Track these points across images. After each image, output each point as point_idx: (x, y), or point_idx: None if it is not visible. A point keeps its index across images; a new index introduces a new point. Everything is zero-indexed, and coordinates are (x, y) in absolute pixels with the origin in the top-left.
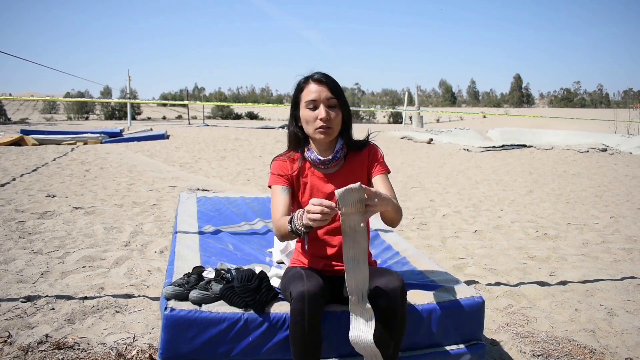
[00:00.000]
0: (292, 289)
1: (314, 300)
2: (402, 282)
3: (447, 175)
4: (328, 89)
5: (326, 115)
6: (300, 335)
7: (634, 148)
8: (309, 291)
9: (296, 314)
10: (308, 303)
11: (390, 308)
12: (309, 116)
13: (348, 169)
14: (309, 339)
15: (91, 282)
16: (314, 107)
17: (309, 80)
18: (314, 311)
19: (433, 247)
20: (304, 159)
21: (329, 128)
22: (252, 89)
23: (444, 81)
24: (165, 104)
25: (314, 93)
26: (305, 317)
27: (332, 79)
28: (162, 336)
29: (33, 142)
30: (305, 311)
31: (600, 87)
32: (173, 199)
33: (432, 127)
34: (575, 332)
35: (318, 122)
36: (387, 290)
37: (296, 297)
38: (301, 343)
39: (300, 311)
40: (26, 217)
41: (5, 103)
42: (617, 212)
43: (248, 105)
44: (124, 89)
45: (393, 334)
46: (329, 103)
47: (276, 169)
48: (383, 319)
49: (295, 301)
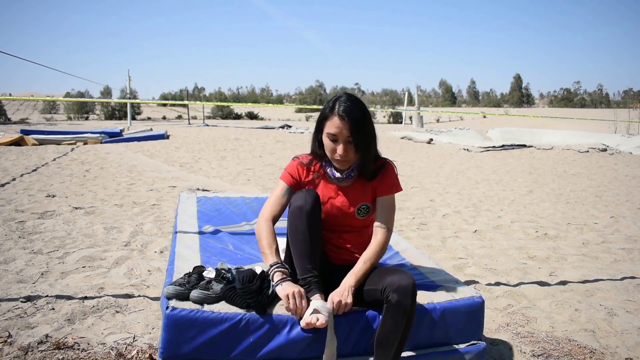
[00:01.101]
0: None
1: (314, 197)
2: (414, 281)
3: (447, 175)
4: (349, 128)
5: (344, 153)
6: (301, 229)
7: (634, 148)
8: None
9: (297, 209)
10: (309, 198)
11: (401, 304)
12: (329, 146)
13: (359, 186)
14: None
15: (91, 282)
16: (334, 140)
17: (335, 111)
18: (313, 203)
19: (433, 247)
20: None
21: (346, 161)
22: (252, 89)
23: (444, 81)
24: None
25: (335, 128)
26: (305, 210)
27: (356, 116)
28: (163, 335)
29: (33, 142)
30: (306, 205)
31: (600, 87)
32: (173, 199)
33: (432, 127)
34: (575, 332)
35: (336, 155)
36: (400, 287)
37: (296, 197)
38: (302, 236)
39: (301, 206)
40: (26, 217)
41: (5, 103)
42: (617, 212)
43: (248, 105)
44: (124, 89)
45: (400, 332)
46: (349, 140)
47: (292, 170)
48: (392, 316)
49: (295, 200)
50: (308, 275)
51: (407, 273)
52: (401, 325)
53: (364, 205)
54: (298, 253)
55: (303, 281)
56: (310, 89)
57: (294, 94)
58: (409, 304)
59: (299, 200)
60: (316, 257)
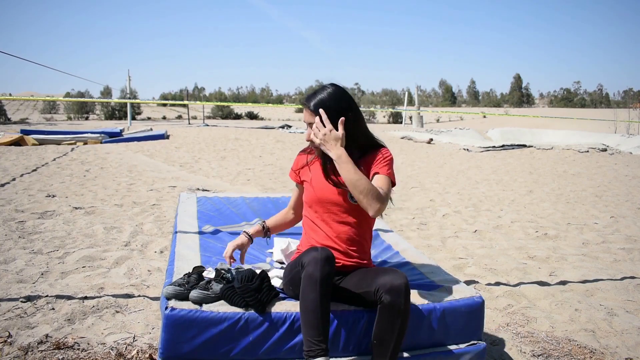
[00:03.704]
0: (304, 259)
1: (328, 262)
2: (407, 280)
3: (447, 175)
4: (309, 113)
5: (307, 137)
6: (311, 298)
7: (634, 148)
8: (322, 254)
9: (308, 276)
10: (321, 263)
11: (394, 305)
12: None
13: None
14: (321, 301)
15: (91, 282)
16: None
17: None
18: (327, 271)
19: (433, 247)
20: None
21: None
22: (252, 89)
23: (444, 81)
24: (165, 104)
25: (305, 116)
26: (318, 278)
27: (312, 101)
28: (163, 336)
29: (33, 142)
30: (318, 272)
31: (600, 87)
32: (173, 199)
33: (432, 127)
34: (575, 332)
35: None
36: (392, 287)
37: (309, 261)
38: (312, 306)
39: (312, 273)
40: (26, 217)
41: (5, 103)
42: (617, 212)
43: (248, 105)
44: (124, 89)
45: (395, 332)
46: (312, 123)
47: (295, 164)
48: (386, 317)
49: (308, 264)
50: (315, 348)
51: (400, 273)
52: (396, 325)
53: None
54: (307, 323)
55: (308, 354)
56: (310, 89)
57: (294, 94)
58: (402, 303)
59: (311, 265)
60: (325, 328)
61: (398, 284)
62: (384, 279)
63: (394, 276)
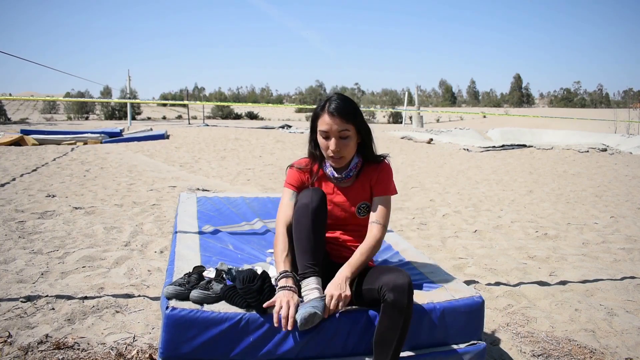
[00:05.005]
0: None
1: (320, 196)
2: (410, 279)
3: (447, 175)
4: (340, 122)
5: (336, 147)
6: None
7: (634, 148)
8: (315, 190)
9: (303, 206)
10: (314, 196)
11: (397, 303)
12: (323, 144)
13: (358, 185)
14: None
15: (91, 282)
16: (326, 137)
17: (325, 109)
18: (319, 202)
19: (433, 247)
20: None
21: (340, 157)
22: (252, 89)
23: (444, 81)
24: (165, 104)
25: (326, 125)
26: (311, 206)
27: (346, 111)
28: (163, 335)
29: (33, 142)
30: (311, 202)
31: (600, 87)
32: (173, 199)
33: (432, 127)
34: (575, 332)
35: (329, 152)
36: (396, 286)
37: (303, 195)
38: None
39: (306, 203)
40: (26, 217)
41: (5, 103)
42: (617, 212)
43: (248, 105)
44: (124, 89)
45: (398, 331)
46: (340, 135)
47: (292, 179)
48: (389, 315)
49: (302, 198)
50: (307, 271)
51: (404, 272)
52: (398, 324)
53: (364, 205)
54: (300, 249)
55: (301, 277)
56: (310, 89)
57: (294, 94)
58: (405, 302)
59: (305, 198)
60: (318, 255)
61: (401, 283)
62: (388, 277)
63: (397, 275)
